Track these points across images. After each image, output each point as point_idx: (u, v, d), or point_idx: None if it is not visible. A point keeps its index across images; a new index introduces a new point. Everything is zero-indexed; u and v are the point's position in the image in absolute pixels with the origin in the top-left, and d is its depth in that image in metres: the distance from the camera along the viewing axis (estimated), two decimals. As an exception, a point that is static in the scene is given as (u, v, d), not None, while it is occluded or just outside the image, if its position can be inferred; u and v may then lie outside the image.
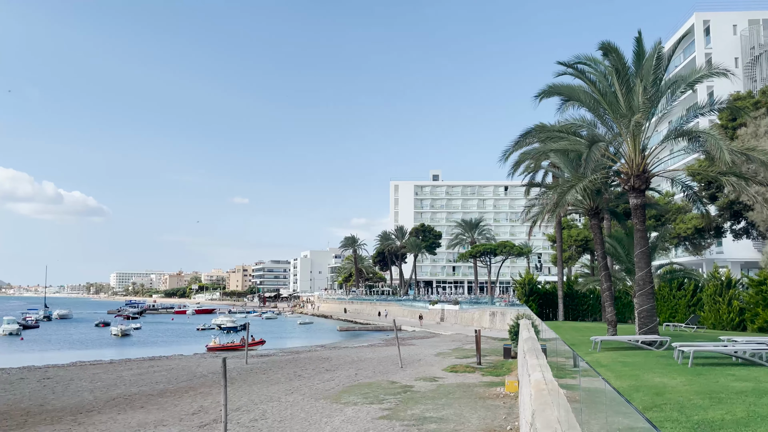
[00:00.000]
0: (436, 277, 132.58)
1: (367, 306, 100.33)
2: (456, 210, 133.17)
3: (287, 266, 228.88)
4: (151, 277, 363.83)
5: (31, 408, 19.59)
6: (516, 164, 36.10)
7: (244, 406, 18.90)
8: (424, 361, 31.88)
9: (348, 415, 16.94)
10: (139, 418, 17.46)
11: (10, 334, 66.26)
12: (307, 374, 27.51)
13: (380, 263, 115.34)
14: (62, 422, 17.04)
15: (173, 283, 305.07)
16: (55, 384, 25.53)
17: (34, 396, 22.25)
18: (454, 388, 21.61)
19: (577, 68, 21.53)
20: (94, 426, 16.37)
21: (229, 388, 17.63)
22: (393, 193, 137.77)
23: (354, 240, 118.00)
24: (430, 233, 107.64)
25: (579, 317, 43.12)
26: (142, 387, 24.29)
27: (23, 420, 17.45)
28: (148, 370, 30.41)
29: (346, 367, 29.90)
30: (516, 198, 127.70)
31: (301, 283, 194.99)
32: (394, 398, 19.58)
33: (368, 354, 37.53)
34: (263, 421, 16.53)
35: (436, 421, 15.69)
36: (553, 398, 8.14)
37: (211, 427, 15.80)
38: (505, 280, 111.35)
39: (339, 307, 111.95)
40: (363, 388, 22.27)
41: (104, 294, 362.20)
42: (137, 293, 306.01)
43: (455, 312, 70.69)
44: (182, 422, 16.65)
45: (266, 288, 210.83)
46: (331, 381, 24.73)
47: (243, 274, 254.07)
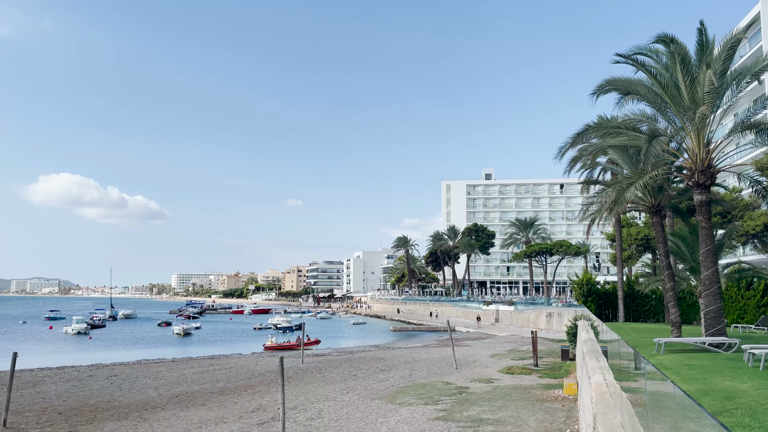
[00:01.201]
0: (490, 277, 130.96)
1: (420, 306, 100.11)
2: (509, 209, 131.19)
3: (340, 267, 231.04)
4: (210, 278, 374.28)
5: (99, 404, 20.44)
6: (572, 161, 35.20)
7: (300, 405, 19.16)
8: (479, 362, 31.54)
9: (403, 415, 16.92)
10: (201, 415, 17.95)
11: (78, 333, 69.42)
12: (362, 374, 27.66)
13: (433, 263, 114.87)
14: (128, 418, 17.70)
15: (231, 284, 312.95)
16: (121, 381, 26.57)
17: (102, 393, 23.22)
18: (511, 389, 21.27)
19: (637, 60, 20.79)
20: (158, 422, 16.93)
21: (287, 387, 17.92)
22: (445, 193, 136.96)
23: (406, 240, 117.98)
24: (483, 233, 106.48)
25: (640, 318, 41.70)
26: (203, 385, 24.98)
27: (92, 416, 18.22)
28: (208, 369, 31.25)
29: (400, 368, 29.90)
30: (572, 196, 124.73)
31: (354, 283, 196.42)
32: (449, 399, 19.43)
33: (422, 354, 37.42)
34: (320, 419, 16.70)
35: (493, 423, 15.48)
36: (616, 401, 7.89)
37: (269, 425, 16.08)
38: (562, 280, 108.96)
39: (392, 307, 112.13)
40: (418, 388, 22.21)
41: (166, 294, 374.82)
42: (197, 294, 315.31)
43: (510, 313, 69.65)
44: (242, 420, 17.02)
45: (320, 288, 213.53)
46: (385, 381, 24.78)
47: (297, 275, 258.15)
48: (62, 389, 24.18)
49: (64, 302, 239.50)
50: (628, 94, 21.74)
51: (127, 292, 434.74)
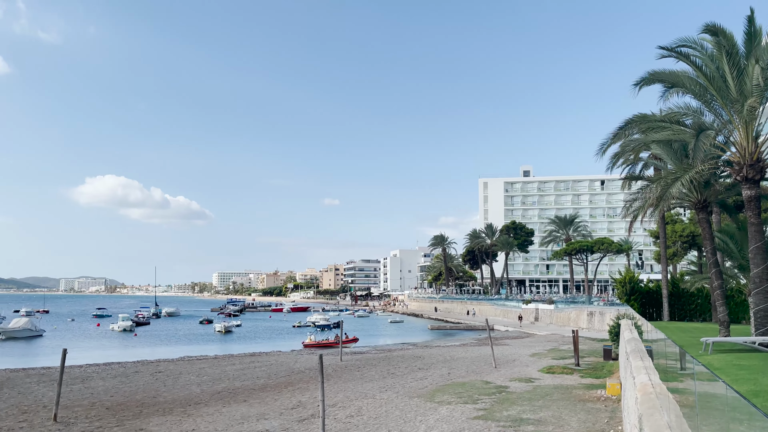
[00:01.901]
0: (529, 275, 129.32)
1: (458, 305, 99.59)
2: (549, 206, 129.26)
3: (377, 265, 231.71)
4: (250, 277, 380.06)
5: (145, 399, 20.99)
6: (614, 157, 34.46)
7: (340, 403, 19.29)
8: (518, 361, 31.19)
9: (442, 414, 16.86)
10: (243, 411, 18.25)
11: (124, 331, 71.42)
12: (400, 372, 27.68)
13: (470, 262, 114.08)
14: (173, 413, 18.12)
15: (270, 282, 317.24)
16: (165, 377, 27.22)
17: (147, 388, 23.83)
18: (552, 389, 20.96)
19: (681, 52, 20.20)
20: (201, 418, 17.28)
21: (326, 384, 18.05)
22: (482, 191, 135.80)
23: (443, 239, 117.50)
24: (521, 230, 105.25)
25: (686, 317, 40.58)
26: (244, 381, 25.39)
27: (138, 411, 18.72)
28: (249, 366, 31.74)
29: (438, 366, 29.81)
30: (613, 192, 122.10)
31: (391, 281, 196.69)
32: (488, 398, 19.27)
33: (460, 353, 37.22)
34: (359, 417, 16.78)
35: (534, 423, 15.28)
36: (662, 402, 7.69)
37: (309, 422, 16.24)
38: (603, 278, 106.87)
39: (429, 305, 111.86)
40: (456, 387, 22.10)
41: (207, 293, 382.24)
42: (237, 292, 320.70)
43: (550, 311, 68.66)
44: (282, 416, 17.23)
45: (357, 287, 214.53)
46: (424, 380, 24.74)
47: (335, 273, 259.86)
48: (109, 385, 24.91)
49: (111, 300, 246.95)
50: (672, 87, 21.15)
51: (170, 291, 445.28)
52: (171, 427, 16.03)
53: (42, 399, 21.03)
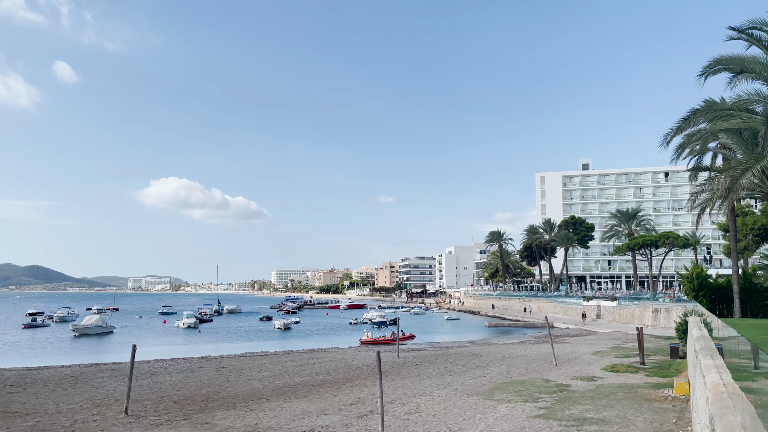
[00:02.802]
0: (590, 271, 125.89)
1: (516, 302, 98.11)
2: (609, 200, 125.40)
3: (432, 262, 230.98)
4: (307, 274, 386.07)
5: (210, 394, 21.66)
6: (679, 148, 33.05)
7: (398, 399, 19.35)
8: (580, 359, 30.46)
9: (502, 412, 16.66)
10: (303, 406, 18.57)
11: (189, 327, 73.92)
12: (458, 370, 27.51)
13: (528, 258, 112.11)
14: (237, 408, 18.62)
15: (327, 280, 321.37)
16: (229, 373, 28.01)
17: (212, 383, 24.58)
18: (616, 388, 20.37)
19: (751, 35, 19.18)
20: (264, 412, 17.69)
21: (383, 381, 18.15)
22: (539, 185, 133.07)
23: (499, 235, 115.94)
24: (581, 225, 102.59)
25: (759, 314, 38.55)
26: (304, 377, 25.83)
27: (204, 405, 19.34)
28: (308, 362, 32.27)
29: (497, 364, 29.46)
30: (678, 184, 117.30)
31: (447, 278, 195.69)
32: (549, 397, 18.91)
33: (519, 351, 36.66)
34: (417, 414, 16.79)
35: (597, 422, 14.89)
36: (735, 402, 7.36)
37: (368, 418, 16.36)
38: (669, 274, 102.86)
39: (486, 303, 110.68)
40: (516, 385, 21.78)
41: (266, 290, 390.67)
42: (295, 289, 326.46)
43: (612, 308, 66.71)
44: (342, 412, 17.43)
45: (412, 284, 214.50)
46: (482, 377, 24.50)
47: (390, 271, 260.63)
48: (176, 380, 25.83)
49: (175, 298, 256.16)
50: (741, 73, 20.13)
51: (231, 288, 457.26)
52: (235, 421, 16.48)
53: (114, 393, 22.02)
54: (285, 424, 15.83)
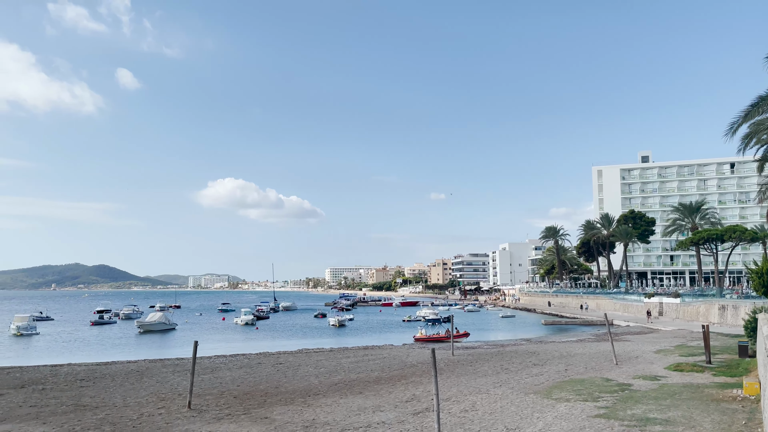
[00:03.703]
0: (651, 267, 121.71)
1: (573, 299, 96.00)
2: (671, 193, 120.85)
3: (486, 259, 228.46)
4: (360, 272, 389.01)
5: (268, 389, 22.12)
6: (746, 137, 31.55)
7: (453, 397, 19.23)
8: (641, 358, 29.51)
9: (561, 411, 16.32)
10: (359, 402, 18.71)
11: (246, 324, 75.73)
12: (514, 368, 27.13)
13: (585, 254, 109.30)
14: (294, 403, 18.94)
15: (379, 277, 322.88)
16: (286, 369, 28.53)
17: (270, 379, 25.09)
18: (680, 388, 19.63)
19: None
20: (321, 408, 17.93)
21: (438, 379, 18.08)
22: (596, 179, 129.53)
23: (555, 230, 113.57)
24: (641, 220, 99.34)
25: (837, 312, 36.37)
26: (359, 374, 26.03)
27: (263, 400, 19.76)
28: (363, 359, 32.49)
29: (554, 362, 28.89)
30: (746, 176, 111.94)
31: (501, 275, 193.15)
32: (610, 396, 18.40)
33: (578, 349, 35.84)
34: (473, 412, 16.64)
35: (661, 423, 14.38)
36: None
37: (423, 415, 16.34)
38: (736, 269, 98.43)
39: (542, 300, 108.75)
40: (575, 384, 21.29)
41: (320, 288, 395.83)
42: (348, 287, 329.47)
43: (675, 305, 64.33)
44: (397, 409, 17.47)
45: (466, 281, 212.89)
46: (539, 376, 24.08)
47: (443, 268, 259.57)
48: (236, 375, 26.50)
49: (233, 296, 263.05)
50: (814, 56, 18.96)
51: (286, 286, 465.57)
52: (293, 416, 16.77)
53: (177, 387, 22.78)
54: (341, 420, 15.99)
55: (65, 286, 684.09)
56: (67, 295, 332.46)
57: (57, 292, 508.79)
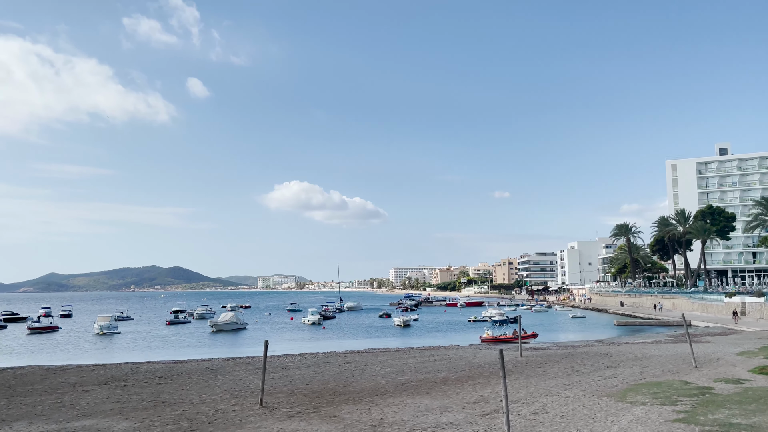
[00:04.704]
0: (731, 265, 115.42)
1: (647, 299, 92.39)
2: (752, 187, 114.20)
3: (553, 258, 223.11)
4: (424, 272, 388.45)
5: (336, 388, 22.42)
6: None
7: (523, 399, 18.88)
8: (723, 360, 28.02)
9: (636, 415, 15.71)
10: (426, 403, 18.67)
11: (313, 324, 77.12)
12: (586, 370, 26.35)
13: (659, 252, 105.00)
14: (362, 402, 19.11)
15: (443, 277, 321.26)
16: (353, 368, 28.83)
17: (337, 378, 25.43)
18: (766, 392, 18.49)
19: None
20: (388, 408, 18.01)
21: (507, 380, 17.80)
22: (670, 174, 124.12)
23: (626, 228, 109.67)
24: (719, 215, 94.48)
25: None
26: (425, 374, 25.97)
27: (331, 399, 20.05)
28: (429, 359, 32.41)
29: (628, 364, 27.87)
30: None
31: (570, 275, 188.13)
32: (689, 400, 17.57)
33: (653, 351, 34.42)
34: (544, 414, 16.28)
35: (746, 428, 13.60)
36: None
37: (492, 417, 16.12)
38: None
39: (614, 300, 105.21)
40: (651, 387, 20.46)
41: (385, 288, 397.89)
42: (413, 287, 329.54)
43: (760, 305, 60.74)
44: (465, 410, 17.32)
45: (533, 281, 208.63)
46: (613, 378, 23.28)
47: (509, 267, 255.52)
48: (305, 374, 27.01)
49: (300, 296, 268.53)
50: None
51: (351, 286, 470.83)
52: (361, 415, 16.92)
53: (249, 385, 23.45)
54: (409, 420, 16.00)
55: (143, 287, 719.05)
56: (144, 296, 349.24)
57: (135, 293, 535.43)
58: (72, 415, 17.76)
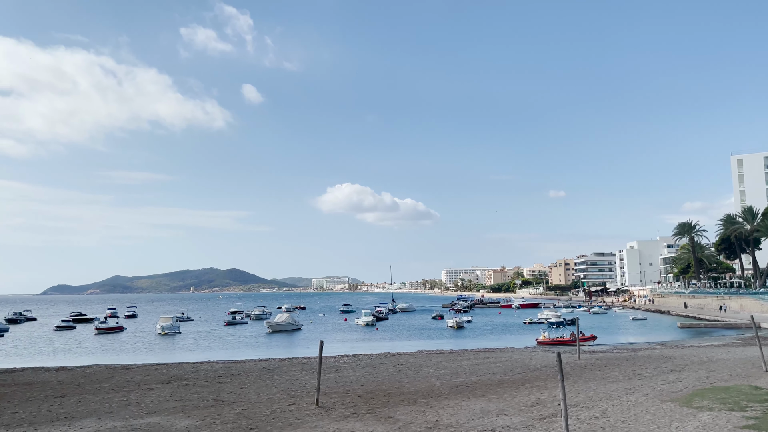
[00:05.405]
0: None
1: (712, 300, 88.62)
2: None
3: (612, 258, 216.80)
4: (477, 273, 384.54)
5: (390, 390, 22.45)
6: None
7: (582, 403, 18.42)
8: (797, 365, 26.53)
9: (703, 421, 15.07)
10: (482, 405, 18.46)
11: (367, 325, 77.56)
12: (648, 374, 25.48)
13: (725, 251, 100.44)
14: (417, 404, 19.07)
15: (497, 279, 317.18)
16: (407, 369, 28.81)
17: (391, 379, 25.46)
18: None
19: None
20: (443, 410, 17.90)
21: (565, 384, 17.37)
22: (736, 169, 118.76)
23: (689, 226, 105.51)
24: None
25: None
26: (480, 376, 25.69)
27: (386, 400, 20.09)
28: (483, 361, 32.05)
29: (693, 368, 26.78)
30: None
31: (629, 276, 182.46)
32: (760, 406, 16.72)
33: (720, 354, 32.96)
34: (604, 419, 15.83)
35: (826, 439, 12.83)
36: None
37: (550, 421, 15.79)
38: None
39: (676, 301, 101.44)
40: (718, 392, 19.58)
41: (437, 289, 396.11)
42: (465, 288, 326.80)
43: (836, 307, 57.27)
44: (522, 413, 17.03)
45: (590, 282, 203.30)
46: (677, 382, 22.42)
47: (565, 268, 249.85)
48: (359, 374, 27.18)
49: (353, 297, 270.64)
50: None
51: (403, 288, 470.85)
52: (416, 416, 16.88)
53: (305, 385, 23.77)
54: (465, 423, 15.86)
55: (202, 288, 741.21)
56: (203, 297, 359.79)
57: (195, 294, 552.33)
58: (137, 412, 18.45)
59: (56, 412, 18.62)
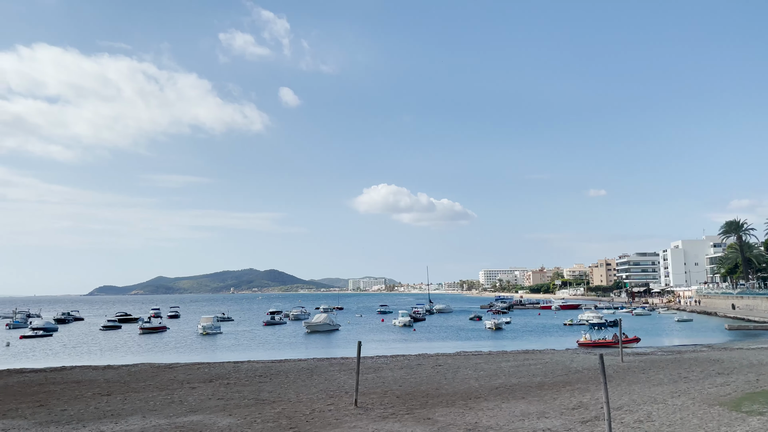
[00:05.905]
0: None
1: (762, 301, 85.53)
2: None
3: (655, 258, 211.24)
4: (515, 274, 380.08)
5: (429, 391, 22.37)
6: None
7: (625, 406, 18.02)
8: None
9: (753, 426, 14.56)
10: (522, 408, 18.23)
11: (404, 326, 77.46)
12: (694, 377, 24.75)
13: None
14: (455, 406, 18.96)
15: (536, 279, 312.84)
16: (445, 371, 28.67)
17: (430, 380, 25.37)
18: None
19: None
20: (482, 412, 17.74)
21: (608, 386, 17.00)
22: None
23: (737, 225, 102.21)
24: None
25: None
26: (520, 378, 25.38)
27: (424, 401, 20.03)
28: (523, 363, 31.65)
29: (743, 371, 25.90)
30: None
31: (674, 276, 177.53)
32: (816, 413, 16.05)
33: (771, 357, 31.76)
34: (649, 423, 15.44)
35: None
36: None
37: (593, 424, 15.48)
38: None
39: (724, 302, 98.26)
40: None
41: (475, 290, 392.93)
42: (503, 289, 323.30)
43: None
44: (563, 416, 16.75)
45: (632, 282, 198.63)
46: (725, 386, 21.71)
47: (606, 269, 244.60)
48: (397, 375, 27.18)
49: (390, 298, 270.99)
50: None
51: (440, 288, 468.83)
52: (455, 418, 16.78)
53: (344, 386, 23.89)
54: (505, 425, 15.69)
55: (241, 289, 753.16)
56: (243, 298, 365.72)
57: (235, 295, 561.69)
58: (181, 410, 18.86)
59: (103, 410, 19.18)
